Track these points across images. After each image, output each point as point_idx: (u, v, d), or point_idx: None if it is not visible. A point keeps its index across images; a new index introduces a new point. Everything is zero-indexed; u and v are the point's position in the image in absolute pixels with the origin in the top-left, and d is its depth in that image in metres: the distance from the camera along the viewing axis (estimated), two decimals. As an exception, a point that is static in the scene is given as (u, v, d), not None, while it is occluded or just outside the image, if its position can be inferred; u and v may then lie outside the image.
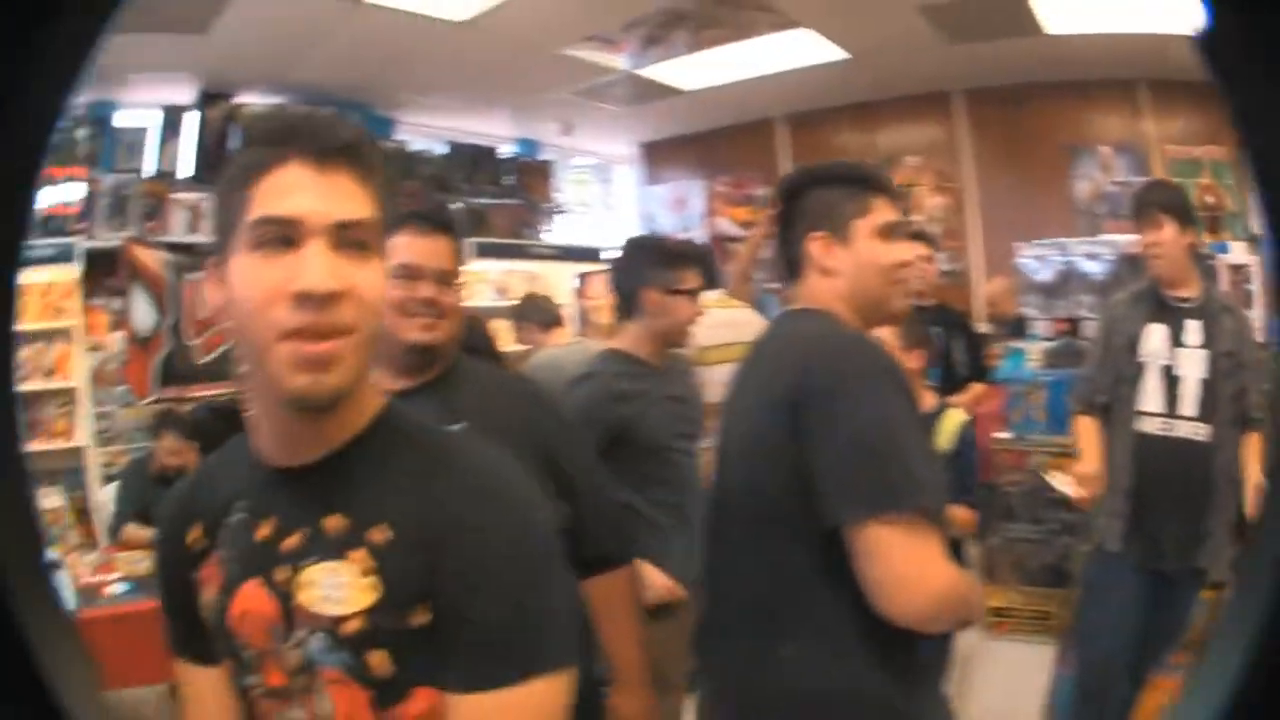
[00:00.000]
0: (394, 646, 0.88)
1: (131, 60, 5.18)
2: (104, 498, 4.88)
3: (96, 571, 3.79)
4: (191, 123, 5.77)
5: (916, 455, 1.32)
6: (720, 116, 7.21)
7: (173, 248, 5.58)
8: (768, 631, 1.39)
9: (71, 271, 5.38)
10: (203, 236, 5.71)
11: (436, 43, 5.35)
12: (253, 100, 5.87)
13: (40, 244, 5.27)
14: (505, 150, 7.17)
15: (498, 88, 6.17)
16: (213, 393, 5.64)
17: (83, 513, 5.53)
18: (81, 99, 5.65)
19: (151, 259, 5.50)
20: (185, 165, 5.76)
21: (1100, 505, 2.83)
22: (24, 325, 5.42)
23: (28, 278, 5.40)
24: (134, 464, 4.58)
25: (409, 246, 1.61)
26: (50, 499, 5.53)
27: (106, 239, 5.49)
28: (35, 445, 5.42)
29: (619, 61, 5.85)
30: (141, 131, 5.70)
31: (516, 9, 4.91)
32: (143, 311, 5.48)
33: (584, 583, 1.72)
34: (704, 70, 6.08)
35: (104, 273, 5.49)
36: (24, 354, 5.43)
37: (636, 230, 7.09)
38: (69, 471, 5.54)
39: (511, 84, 6.10)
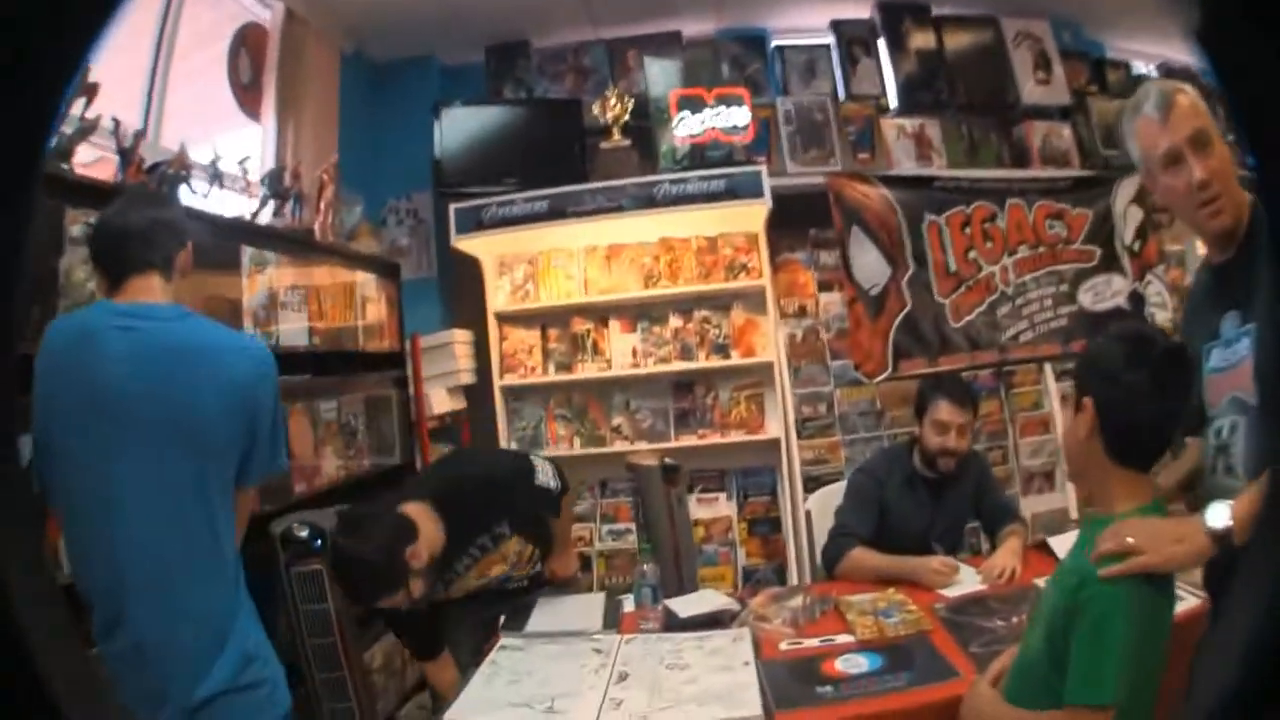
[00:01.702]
0: None
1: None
2: (812, 506, 3.29)
3: (807, 628, 2.25)
4: (881, 44, 4.53)
5: None
6: None
7: (896, 183, 4.23)
8: None
9: (750, 215, 4.09)
10: (937, 169, 4.36)
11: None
12: (952, 11, 4.59)
13: (689, 178, 4.01)
14: None
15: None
16: (964, 366, 4.19)
17: (761, 523, 4.12)
18: (713, 25, 4.57)
19: (874, 197, 4.16)
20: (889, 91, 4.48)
21: None
22: (662, 287, 4.17)
23: (653, 224, 4.18)
24: (882, 457, 3.04)
25: None
26: (712, 507, 4.17)
27: (796, 175, 4.22)
28: (695, 439, 4.13)
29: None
30: (818, 51, 4.50)
31: None
32: (869, 264, 4.12)
33: None
34: None
35: (794, 219, 4.20)
36: (675, 323, 4.18)
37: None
38: (750, 472, 4.19)
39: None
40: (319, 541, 2.64)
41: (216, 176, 3.09)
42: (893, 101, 4.46)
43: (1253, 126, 0.39)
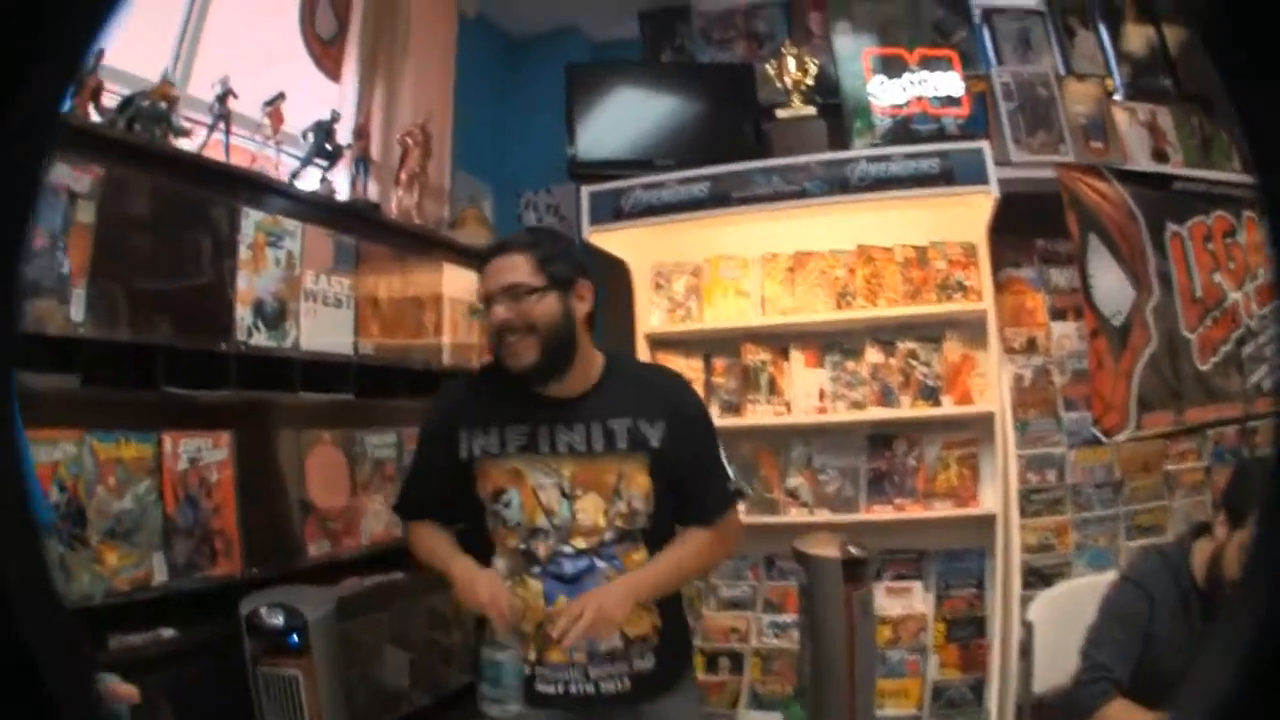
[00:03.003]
0: None
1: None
2: (1035, 616, 2.34)
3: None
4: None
5: None
6: None
7: (1131, 179, 3.42)
8: None
9: (968, 217, 3.20)
10: (1175, 167, 3.56)
11: None
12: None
13: (892, 154, 3.06)
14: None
15: None
16: (1211, 421, 3.42)
17: (963, 624, 3.25)
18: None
19: (1112, 198, 3.34)
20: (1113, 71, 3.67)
21: None
22: (858, 308, 3.26)
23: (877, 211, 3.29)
24: (1160, 564, 2.06)
25: None
26: (904, 599, 3.29)
27: (1024, 165, 3.37)
28: (892, 511, 3.24)
29: None
30: (1031, 19, 3.65)
31: None
32: (1111, 285, 3.30)
33: None
34: None
35: (1017, 224, 3.34)
36: (874, 358, 3.29)
37: None
38: (955, 555, 3.30)
39: None
40: (295, 636, 1.84)
41: (222, 117, 2.26)
42: (1116, 83, 3.66)
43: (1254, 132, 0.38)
